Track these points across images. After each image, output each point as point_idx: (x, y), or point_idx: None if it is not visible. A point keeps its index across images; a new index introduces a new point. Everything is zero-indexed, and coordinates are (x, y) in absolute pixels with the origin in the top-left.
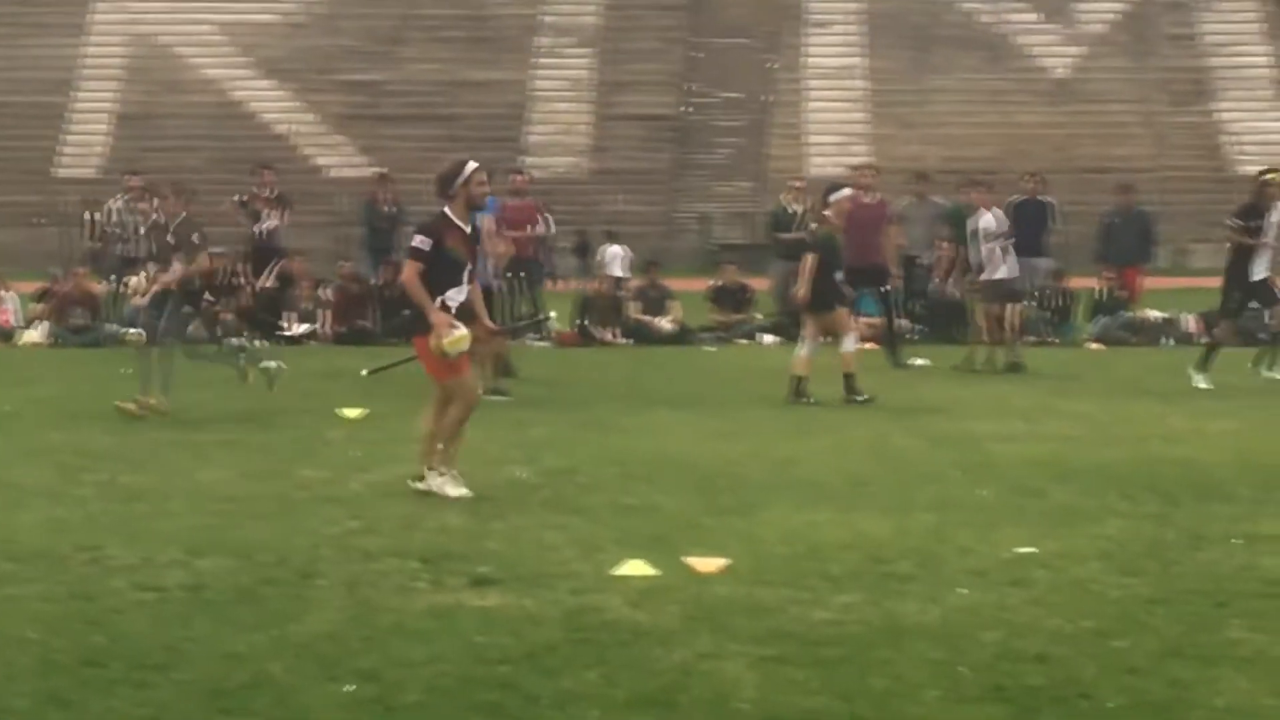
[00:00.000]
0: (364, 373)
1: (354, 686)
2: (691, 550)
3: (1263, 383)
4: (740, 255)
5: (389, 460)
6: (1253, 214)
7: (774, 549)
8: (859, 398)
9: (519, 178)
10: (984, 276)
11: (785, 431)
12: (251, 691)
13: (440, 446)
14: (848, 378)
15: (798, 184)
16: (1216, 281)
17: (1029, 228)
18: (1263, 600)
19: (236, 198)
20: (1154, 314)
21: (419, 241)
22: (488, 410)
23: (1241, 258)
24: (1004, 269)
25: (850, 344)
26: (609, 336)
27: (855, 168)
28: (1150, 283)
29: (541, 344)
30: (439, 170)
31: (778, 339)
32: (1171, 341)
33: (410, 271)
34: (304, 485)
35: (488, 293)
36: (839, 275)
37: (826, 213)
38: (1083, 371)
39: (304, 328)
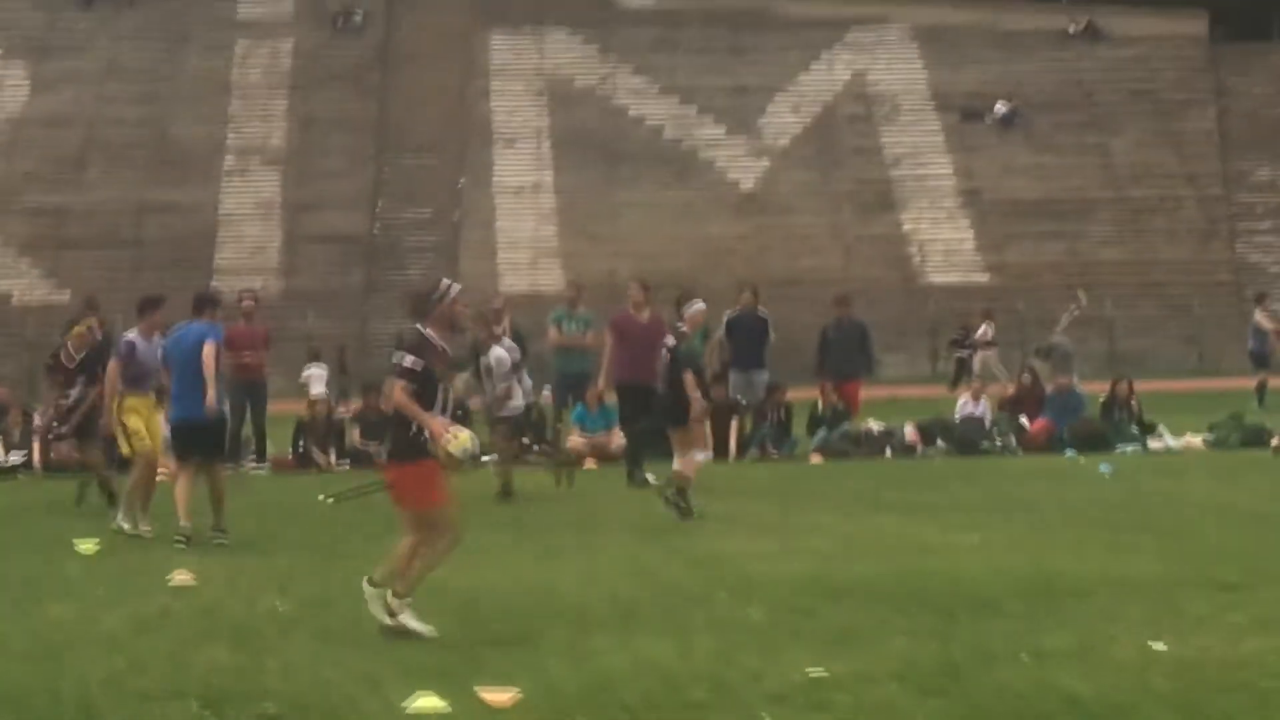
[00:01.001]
0: (326, 499)
1: None
2: (477, 681)
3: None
4: None
5: (137, 594)
6: None
7: (562, 678)
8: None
9: (248, 301)
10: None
11: (535, 554)
12: None
13: (403, 574)
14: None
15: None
16: (915, 390)
17: (748, 341)
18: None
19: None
20: (875, 425)
21: (411, 362)
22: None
23: None
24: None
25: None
26: (327, 461)
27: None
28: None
29: (258, 470)
30: (412, 289)
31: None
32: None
33: (401, 392)
34: (57, 624)
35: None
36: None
37: (682, 325)
38: (812, 485)
39: (17, 456)
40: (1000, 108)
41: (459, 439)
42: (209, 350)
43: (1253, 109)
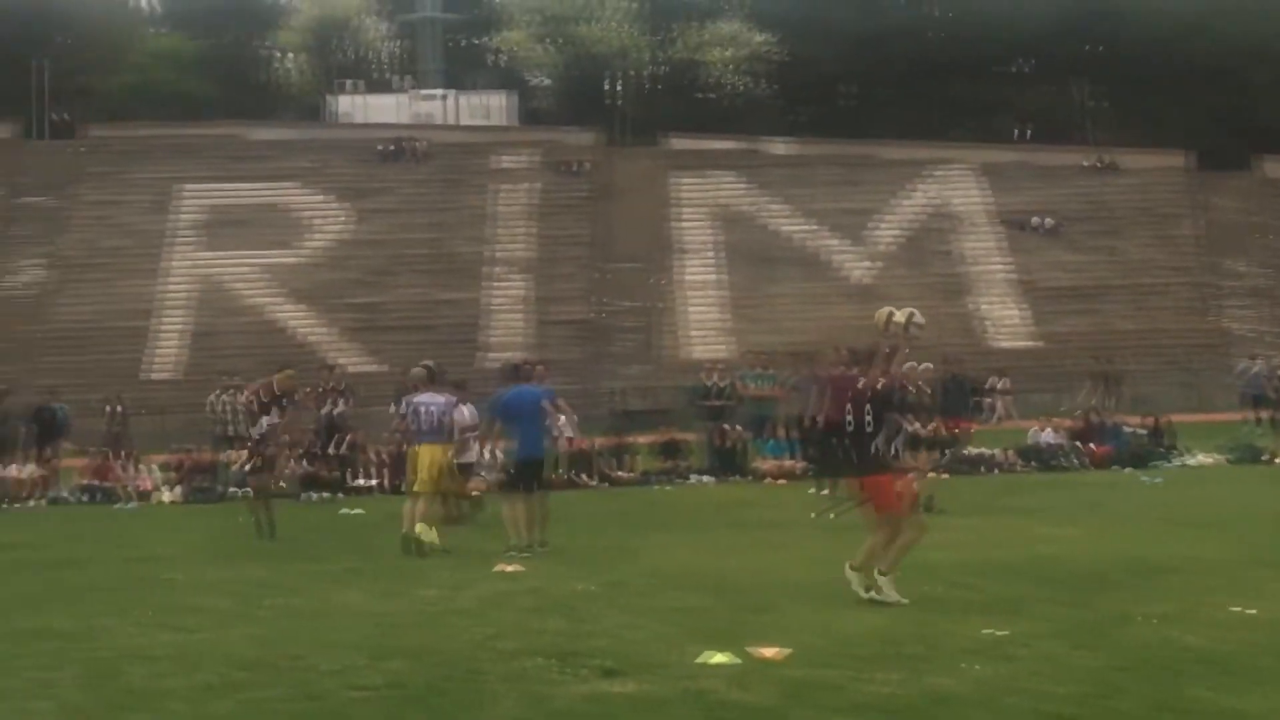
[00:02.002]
0: (816, 515)
1: None
2: (743, 641)
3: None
4: (641, 420)
5: (478, 580)
6: None
7: (811, 639)
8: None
9: (540, 368)
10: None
11: (749, 547)
12: None
13: (882, 557)
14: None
15: (711, 366)
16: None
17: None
18: (1202, 666)
19: (309, 389)
20: (978, 451)
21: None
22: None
23: None
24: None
25: None
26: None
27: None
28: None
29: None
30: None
31: (712, 479)
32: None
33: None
34: (427, 601)
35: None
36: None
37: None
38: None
39: (367, 482)
40: (1043, 220)
41: None
42: (548, 406)
43: (1228, 219)
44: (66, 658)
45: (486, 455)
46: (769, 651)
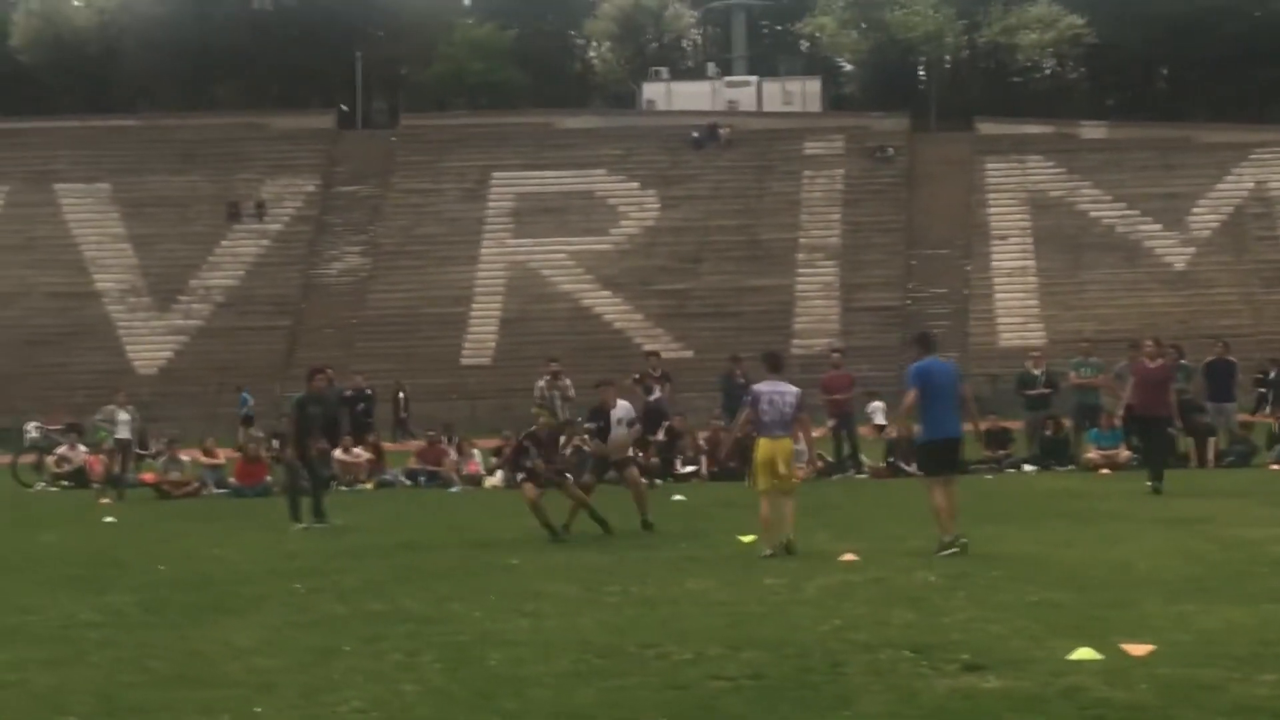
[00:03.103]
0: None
1: None
2: (1106, 636)
3: None
4: None
5: (816, 573)
6: None
7: (1174, 635)
8: None
9: (836, 355)
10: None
11: (1089, 540)
12: None
13: None
14: None
15: (1035, 355)
16: None
17: (1221, 380)
18: None
19: (634, 376)
20: None
21: None
22: (864, 528)
23: None
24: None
25: None
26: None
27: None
28: None
29: (860, 477)
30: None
31: (1035, 468)
32: None
33: None
34: (772, 590)
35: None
36: None
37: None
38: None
39: (689, 469)
40: None
41: None
42: (967, 389)
43: None
44: (425, 640)
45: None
46: (1135, 649)
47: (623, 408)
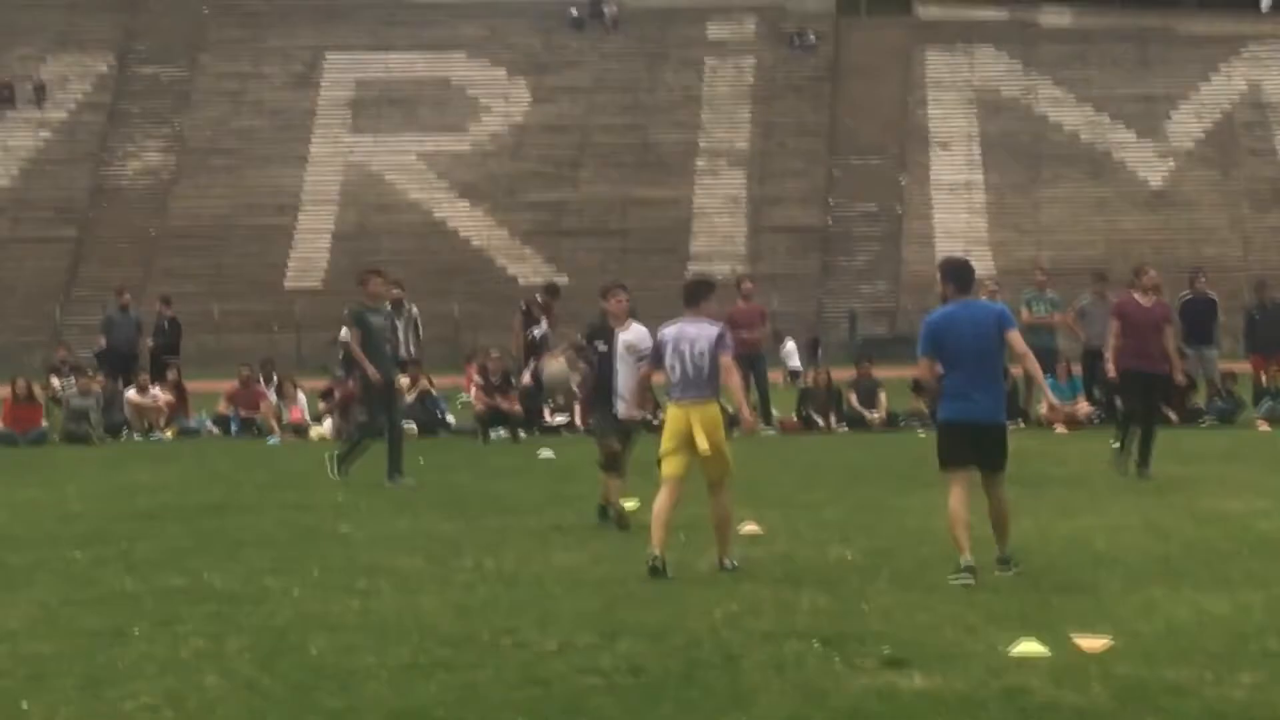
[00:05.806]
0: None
1: None
2: (1056, 626)
3: None
4: (882, 348)
5: (709, 547)
6: None
7: (1137, 626)
8: None
9: (747, 284)
10: None
11: (1040, 511)
12: None
13: None
14: None
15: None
16: None
17: (1200, 321)
18: None
19: (520, 307)
20: None
21: None
22: (771, 492)
23: None
24: None
25: None
26: (827, 425)
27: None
28: None
29: (768, 431)
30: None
31: None
32: None
33: None
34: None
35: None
36: None
37: None
38: (1265, 450)
39: (560, 419)
40: None
41: None
42: (1014, 336)
43: None
44: (232, 624)
45: None
46: (1090, 643)
47: (636, 331)
